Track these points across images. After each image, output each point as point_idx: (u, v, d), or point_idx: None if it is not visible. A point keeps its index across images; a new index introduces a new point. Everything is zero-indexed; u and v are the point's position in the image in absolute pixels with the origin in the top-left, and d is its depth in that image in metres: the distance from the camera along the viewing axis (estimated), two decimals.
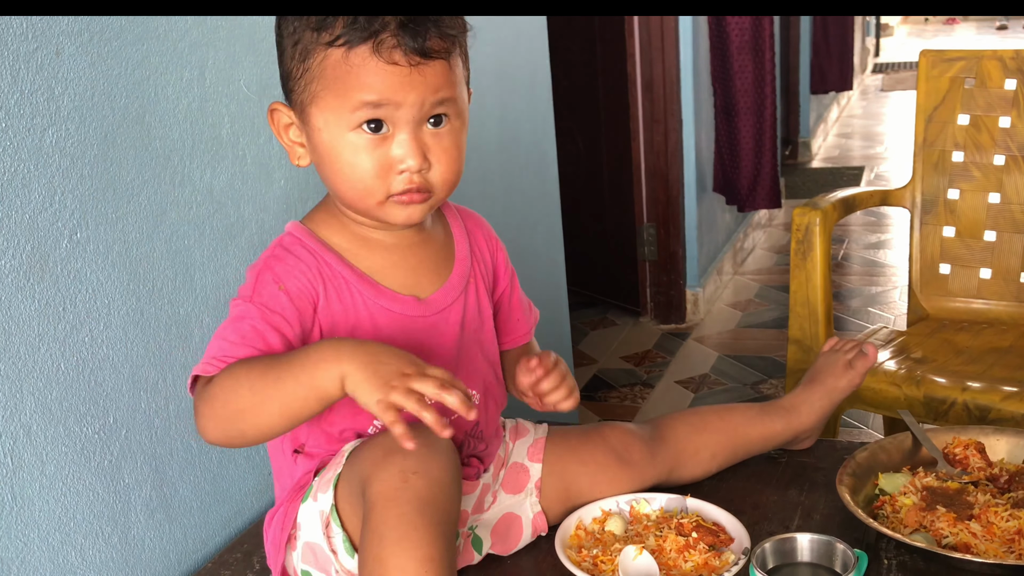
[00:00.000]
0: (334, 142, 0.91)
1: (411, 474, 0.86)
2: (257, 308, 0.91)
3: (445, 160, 0.94)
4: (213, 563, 1.14)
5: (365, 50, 0.87)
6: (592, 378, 2.92)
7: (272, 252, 0.97)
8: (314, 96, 0.91)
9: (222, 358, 0.89)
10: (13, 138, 0.91)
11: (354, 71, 0.88)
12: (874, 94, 7.95)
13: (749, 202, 3.43)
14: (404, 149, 0.91)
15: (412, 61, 0.88)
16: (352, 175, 0.92)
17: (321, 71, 0.89)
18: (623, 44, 3.10)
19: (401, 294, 0.99)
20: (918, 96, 1.96)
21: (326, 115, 0.91)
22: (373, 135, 0.90)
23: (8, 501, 0.93)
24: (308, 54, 0.90)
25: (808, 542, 0.97)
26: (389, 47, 0.87)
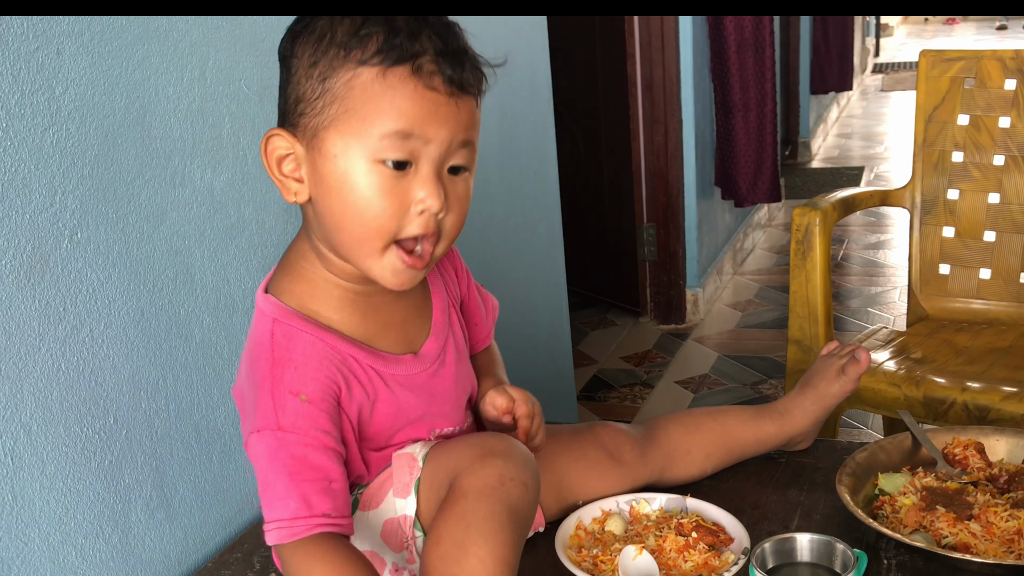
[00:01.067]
0: (350, 172, 0.83)
1: (509, 479, 0.86)
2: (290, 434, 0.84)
3: (457, 209, 0.87)
4: (213, 563, 1.14)
5: (403, 71, 0.81)
6: (592, 378, 2.93)
7: (273, 357, 0.87)
8: (333, 119, 0.83)
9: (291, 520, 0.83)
10: (13, 138, 0.91)
11: (389, 92, 0.81)
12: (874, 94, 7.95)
13: (750, 197, 3.43)
14: (428, 189, 0.83)
15: (450, 91, 0.83)
16: (366, 211, 0.83)
17: (347, 91, 0.82)
18: (623, 44, 3.11)
19: (401, 355, 0.95)
20: (918, 96, 1.96)
21: (346, 140, 0.82)
22: (394, 171, 0.83)
23: (8, 501, 0.93)
24: (332, 72, 0.82)
25: (808, 542, 0.97)
26: (429, 72, 0.82)
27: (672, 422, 1.20)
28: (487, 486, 0.85)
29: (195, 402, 1.16)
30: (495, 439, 0.93)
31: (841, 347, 1.24)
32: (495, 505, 0.84)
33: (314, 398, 0.86)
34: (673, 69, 3.09)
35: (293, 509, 0.83)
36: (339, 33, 0.83)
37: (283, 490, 0.83)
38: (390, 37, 0.82)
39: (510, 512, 0.85)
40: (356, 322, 0.92)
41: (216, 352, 1.18)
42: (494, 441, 0.92)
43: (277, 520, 0.84)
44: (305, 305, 0.91)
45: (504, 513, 0.84)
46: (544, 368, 2.15)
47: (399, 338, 0.96)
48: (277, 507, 0.84)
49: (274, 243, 1.26)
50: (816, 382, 1.22)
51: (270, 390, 0.86)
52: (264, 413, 0.85)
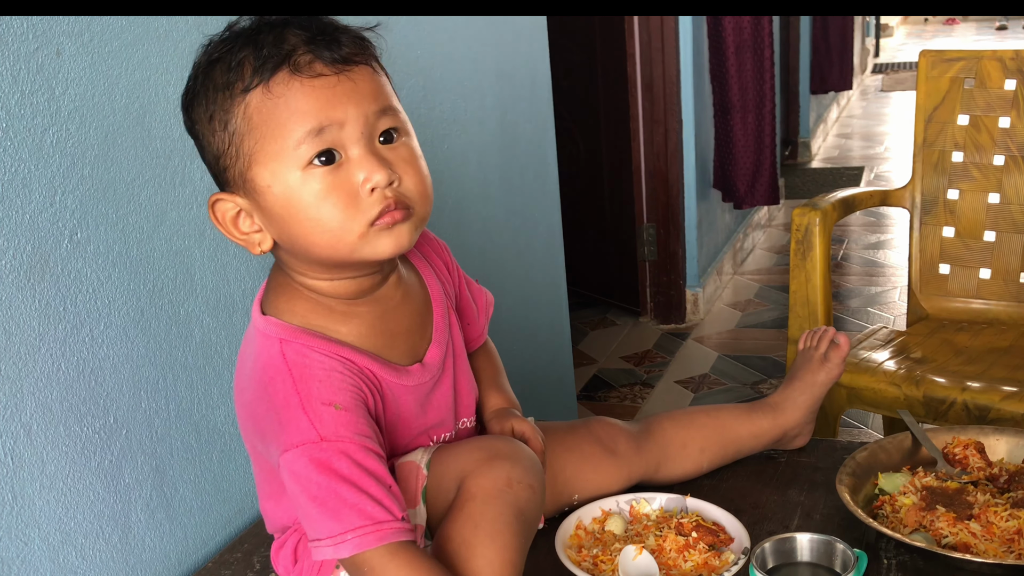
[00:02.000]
0: (289, 191, 0.82)
1: (516, 482, 0.87)
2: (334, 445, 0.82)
3: (412, 172, 0.85)
4: (213, 563, 1.14)
5: (284, 76, 0.80)
6: (592, 378, 2.93)
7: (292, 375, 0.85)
8: (250, 155, 0.82)
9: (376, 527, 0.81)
10: (13, 138, 0.91)
11: (281, 102, 0.80)
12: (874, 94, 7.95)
13: (748, 199, 3.43)
14: (364, 166, 0.82)
15: (336, 69, 0.81)
16: (322, 217, 0.82)
17: (247, 123, 0.81)
18: (623, 44, 3.11)
19: (409, 366, 0.93)
20: (918, 96, 1.96)
21: (270, 167, 0.81)
22: (327, 167, 0.82)
23: (8, 501, 0.93)
24: (228, 116, 0.82)
25: (808, 542, 0.97)
26: (307, 63, 0.80)
27: (666, 418, 1.21)
28: (495, 488, 0.86)
29: (195, 402, 1.16)
30: (501, 442, 0.93)
31: (814, 337, 1.26)
32: (503, 507, 0.85)
33: (348, 406, 0.84)
34: (673, 69, 3.09)
35: (369, 514, 0.81)
36: (216, 78, 0.82)
37: (352, 497, 0.81)
38: (257, 54, 0.81)
39: (517, 514, 0.85)
40: (364, 334, 0.91)
41: (216, 352, 1.18)
42: (501, 444, 0.92)
43: (352, 529, 0.80)
44: (309, 321, 0.89)
45: (512, 515, 0.85)
46: (544, 368, 2.15)
47: (405, 348, 0.94)
48: (346, 516, 0.80)
49: None
50: (802, 374, 1.23)
51: (300, 407, 0.83)
52: (299, 429, 0.82)
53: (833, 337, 1.25)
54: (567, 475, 1.12)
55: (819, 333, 1.26)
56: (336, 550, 0.81)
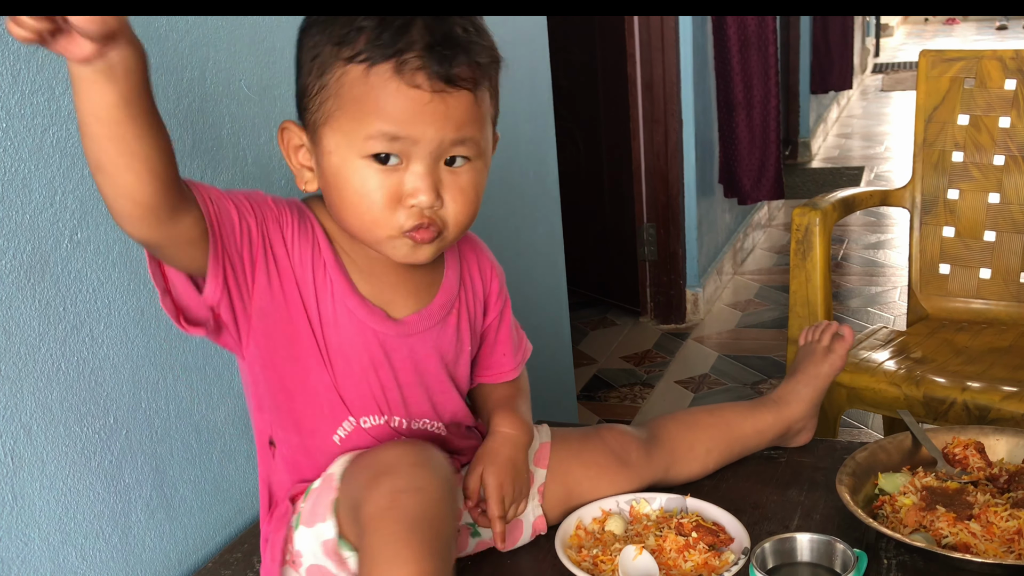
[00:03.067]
0: (343, 167, 0.85)
1: (400, 492, 0.83)
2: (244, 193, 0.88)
3: (461, 200, 0.88)
4: (213, 563, 1.14)
5: (387, 69, 0.81)
6: (592, 378, 2.93)
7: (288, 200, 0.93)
8: (328, 116, 0.85)
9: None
10: (13, 138, 0.91)
11: (373, 92, 0.82)
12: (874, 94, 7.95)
13: (753, 194, 3.44)
14: (417, 183, 0.85)
15: (436, 87, 0.82)
16: (359, 205, 0.86)
17: (338, 88, 0.83)
18: (623, 44, 3.11)
19: (372, 303, 0.95)
20: (918, 96, 1.96)
21: (338, 137, 0.85)
22: (382, 166, 0.85)
23: (8, 501, 0.93)
24: (326, 69, 0.83)
25: (808, 542, 0.97)
26: (412, 68, 0.81)
27: (671, 421, 1.21)
28: (379, 509, 0.83)
29: (195, 402, 1.15)
30: (385, 451, 0.89)
31: (816, 331, 1.26)
32: (392, 525, 0.81)
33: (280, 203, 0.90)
34: (673, 69, 3.09)
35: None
36: (335, 29, 0.83)
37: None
38: (377, 34, 0.81)
39: (410, 526, 0.81)
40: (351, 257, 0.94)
41: (216, 352, 1.18)
42: (384, 454, 0.89)
43: None
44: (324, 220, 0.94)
45: (403, 530, 0.81)
46: (544, 368, 2.15)
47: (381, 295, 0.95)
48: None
49: None
50: (805, 367, 1.24)
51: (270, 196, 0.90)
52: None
53: (837, 329, 1.25)
54: (583, 488, 1.12)
55: (820, 327, 1.27)
56: None
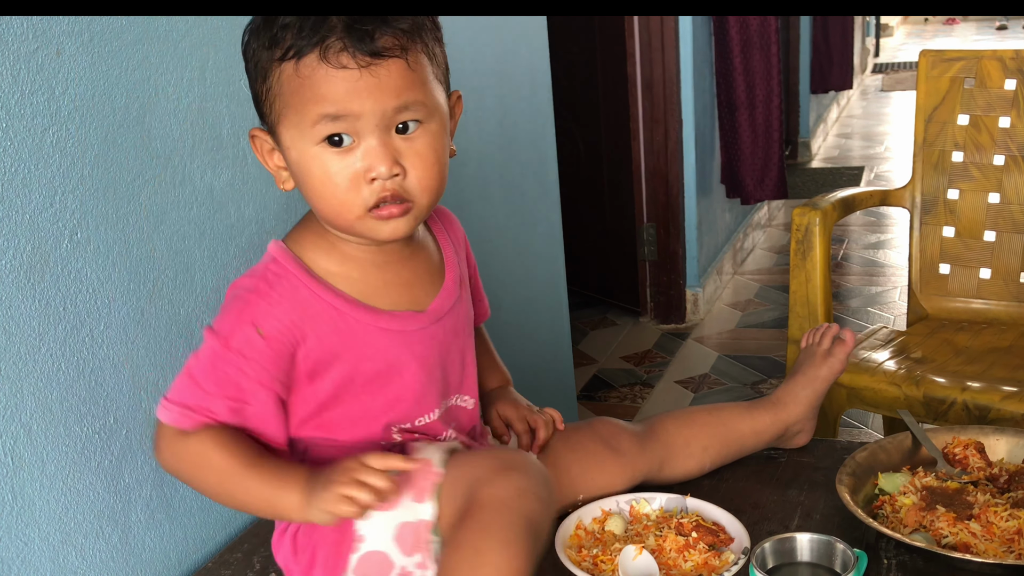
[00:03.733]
0: (302, 159, 0.89)
1: (528, 492, 0.88)
2: (234, 355, 0.89)
3: (420, 166, 0.89)
4: (213, 563, 1.14)
5: (313, 58, 0.84)
6: (592, 378, 2.93)
7: (255, 285, 0.92)
8: (279, 115, 0.88)
9: (199, 410, 0.90)
10: (13, 138, 0.91)
11: (306, 83, 0.85)
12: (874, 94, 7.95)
13: (757, 194, 3.44)
14: (371, 157, 0.87)
15: (362, 62, 0.84)
16: (324, 191, 0.89)
17: (279, 88, 0.87)
18: (623, 44, 3.11)
19: (398, 311, 0.97)
20: (918, 96, 1.96)
21: (291, 132, 0.88)
22: (336, 148, 0.87)
23: (8, 500, 0.93)
24: (267, 73, 0.87)
25: (808, 542, 0.97)
26: (336, 51, 0.84)
27: (668, 417, 1.22)
28: (508, 498, 0.87)
29: None
30: (513, 453, 0.95)
31: (818, 333, 1.27)
32: (514, 517, 0.86)
33: (269, 337, 0.90)
34: (673, 69, 3.08)
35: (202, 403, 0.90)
36: (265, 32, 0.87)
37: (204, 394, 0.90)
38: (299, 28, 0.85)
39: (527, 525, 0.86)
40: (354, 278, 0.95)
41: None
42: (513, 455, 0.94)
43: (183, 404, 0.90)
44: (306, 254, 0.95)
45: (522, 525, 0.86)
46: (544, 368, 2.15)
47: (401, 298, 0.97)
48: (189, 395, 0.90)
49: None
50: (804, 368, 1.24)
51: (239, 310, 0.91)
52: (223, 324, 0.91)
53: (838, 333, 1.26)
54: (572, 475, 1.12)
55: (821, 330, 1.27)
56: (163, 412, 0.91)
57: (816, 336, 1.27)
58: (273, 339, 0.90)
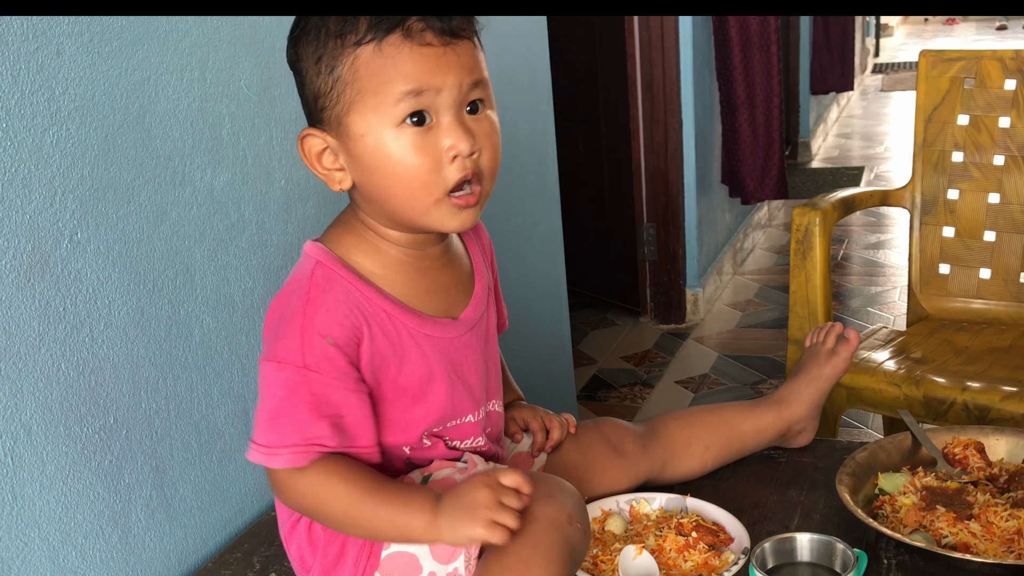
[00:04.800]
0: (380, 144, 0.88)
1: (575, 519, 0.90)
2: (314, 373, 0.87)
3: (489, 145, 0.91)
4: (213, 563, 1.14)
5: (396, 38, 0.85)
6: (592, 378, 2.93)
7: (307, 295, 0.90)
8: (350, 103, 0.87)
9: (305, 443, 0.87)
10: (13, 138, 0.91)
11: (389, 62, 0.86)
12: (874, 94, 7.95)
13: (757, 194, 3.44)
14: (454, 134, 0.88)
15: (444, 41, 0.87)
16: (406, 173, 0.88)
17: (354, 74, 0.87)
18: (623, 44, 3.11)
19: (439, 318, 0.97)
20: (918, 96, 1.96)
21: (367, 118, 0.87)
22: (417, 128, 0.87)
23: (8, 500, 0.93)
24: (336, 62, 0.87)
25: (808, 542, 0.97)
26: (419, 30, 0.86)
27: (670, 417, 1.22)
28: (557, 519, 0.89)
29: (195, 402, 1.16)
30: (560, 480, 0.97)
31: (822, 333, 1.27)
32: (561, 539, 0.88)
33: (341, 343, 0.89)
34: (673, 69, 3.08)
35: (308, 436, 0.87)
36: (331, 26, 0.87)
37: (301, 419, 0.87)
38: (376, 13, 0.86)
39: (571, 551, 0.89)
40: (399, 281, 0.95)
41: (216, 352, 1.18)
42: (560, 481, 0.96)
43: (289, 446, 0.87)
44: (350, 255, 0.94)
45: (566, 548, 0.88)
46: (544, 368, 2.15)
47: (440, 304, 0.98)
48: (288, 434, 0.87)
49: (274, 243, 1.26)
50: (808, 367, 1.24)
51: (300, 327, 0.88)
52: (289, 348, 0.88)
53: (842, 332, 1.26)
54: (578, 476, 1.13)
55: (825, 329, 1.27)
56: (268, 459, 0.88)
57: (820, 335, 1.27)
58: (343, 344, 0.89)
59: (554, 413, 1.17)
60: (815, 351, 1.26)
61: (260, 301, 1.24)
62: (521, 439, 1.15)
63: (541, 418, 1.15)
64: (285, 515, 1.00)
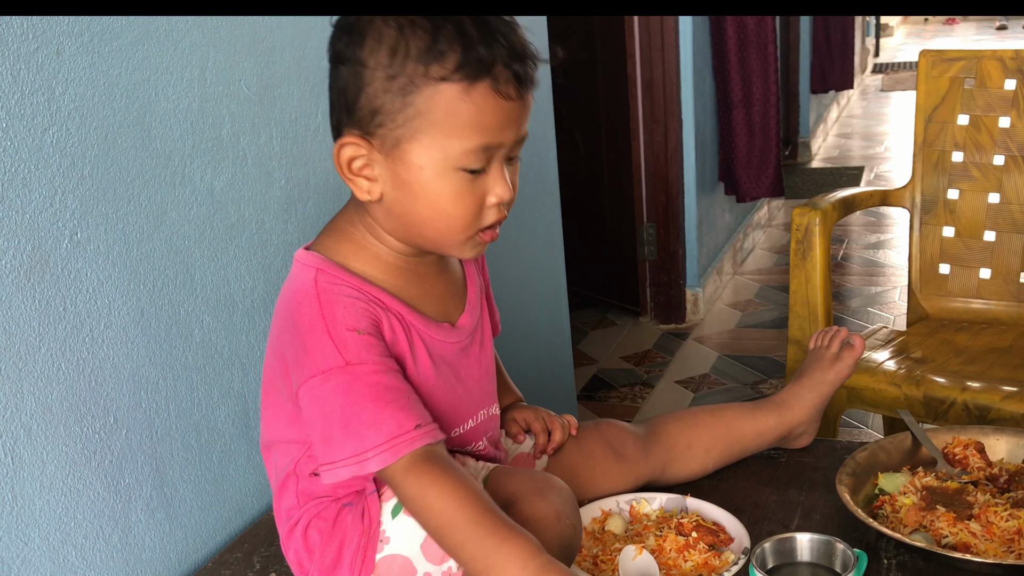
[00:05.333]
0: (436, 180, 0.86)
1: (564, 517, 0.91)
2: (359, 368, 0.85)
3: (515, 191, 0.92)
4: (213, 563, 1.14)
5: (485, 86, 0.83)
6: (592, 378, 2.93)
7: (317, 300, 0.88)
8: (416, 132, 0.85)
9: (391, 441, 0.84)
10: (13, 138, 0.91)
11: (474, 109, 0.84)
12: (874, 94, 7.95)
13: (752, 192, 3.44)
14: (500, 187, 0.88)
15: (520, 94, 0.86)
16: (453, 213, 0.88)
17: (430, 106, 0.83)
18: (623, 44, 3.11)
19: (440, 322, 0.97)
20: (918, 96, 1.96)
21: (431, 153, 0.85)
22: (470, 174, 0.87)
23: (9, 500, 0.93)
24: (413, 88, 0.83)
25: (808, 542, 0.97)
26: (505, 80, 0.84)
27: (671, 419, 1.22)
28: (546, 517, 0.90)
29: (195, 402, 1.16)
30: (549, 476, 0.97)
31: (827, 336, 1.26)
32: (551, 537, 0.88)
33: (369, 331, 0.88)
34: (673, 69, 3.08)
35: (387, 431, 0.85)
36: (413, 47, 0.83)
37: (370, 417, 0.85)
38: (467, 50, 0.82)
39: (561, 548, 0.89)
40: (400, 286, 0.94)
41: (216, 352, 1.18)
42: (549, 478, 0.96)
43: (374, 447, 0.84)
44: (349, 262, 0.93)
45: (556, 547, 0.88)
46: (544, 368, 2.15)
47: (439, 308, 0.98)
48: (368, 436, 0.85)
49: (274, 243, 1.26)
50: (811, 372, 1.24)
51: (325, 331, 0.86)
52: (324, 354, 0.86)
53: (847, 338, 1.25)
54: (580, 479, 1.12)
55: (830, 333, 1.26)
56: (360, 467, 0.85)
57: (825, 339, 1.26)
58: (373, 332, 0.88)
59: (556, 414, 1.17)
60: (819, 355, 1.25)
61: (260, 301, 1.24)
62: (523, 440, 1.15)
63: (543, 419, 1.15)
64: (283, 519, 1.01)
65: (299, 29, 1.28)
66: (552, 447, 1.14)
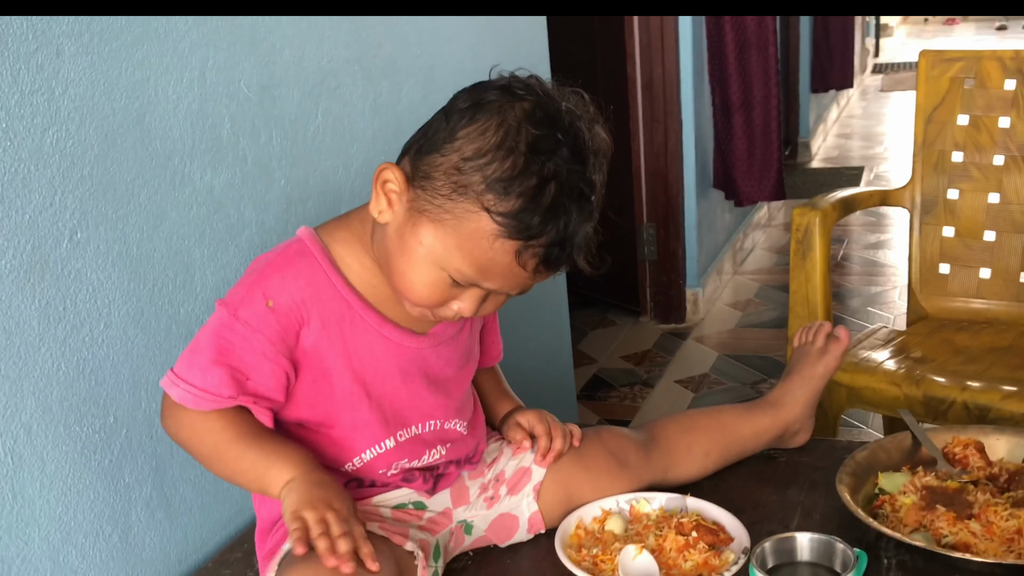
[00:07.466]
0: (422, 263, 0.89)
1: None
2: (240, 324, 0.91)
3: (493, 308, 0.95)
4: (213, 563, 1.14)
5: (511, 247, 0.86)
6: (592, 378, 2.93)
7: (275, 258, 0.94)
8: (439, 220, 0.87)
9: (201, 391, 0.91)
10: (13, 138, 0.91)
11: (487, 251, 0.86)
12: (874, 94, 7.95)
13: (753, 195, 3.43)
14: (469, 304, 0.92)
15: (536, 275, 0.89)
16: (419, 292, 0.91)
17: (463, 215, 0.86)
18: (623, 44, 3.11)
19: (401, 326, 0.99)
20: (918, 96, 1.96)
21: (434, 243, 0.88)
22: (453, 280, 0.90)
23: (9, 500, 0.93)
24: (463, 193, 0.86)
25: (808, 541, 0.97)
26: (531, 255, 0.87)
27: (669, 423, 1.21)
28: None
29: None
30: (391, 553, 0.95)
31: (810, 330, 1.27)
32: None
33: (279, 311, 0.92)
34: (673, 69, 3.08)
35: (207, 384, 0.91)
36: (494, 166, 0.85)
37: (206, 363, 0.91)
38: (526, 210, 0.84)
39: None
40: (373, 283, 0.97)
41: None
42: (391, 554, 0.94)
43: (188, 383, 0.91)
44: (335, 245, 0.97)
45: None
46: (544, 368, 2.15)
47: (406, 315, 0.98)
48: (196, 373, 0.92)
49: (274, 243, 1.26)
50: (799, 368, 1.24)
51: (252, 282, 0.93)
52: (234, 295, 0.93)
53: (832, 331, 1.26)
54: (583, 490, 1.13)
55: (814, 328, 1.27)
56: (169, 386, 0.93)
57: (809, 334, 1.27)
58: (282, 313, 0.92)
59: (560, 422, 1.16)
60: (805, 351, 1.26)
61: None
62: (527, 449, 1.14)
63: (547, 422, 1.15)
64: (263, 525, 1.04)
65: (299, 29, 1.28)
66: (553, 455, 1.13)
